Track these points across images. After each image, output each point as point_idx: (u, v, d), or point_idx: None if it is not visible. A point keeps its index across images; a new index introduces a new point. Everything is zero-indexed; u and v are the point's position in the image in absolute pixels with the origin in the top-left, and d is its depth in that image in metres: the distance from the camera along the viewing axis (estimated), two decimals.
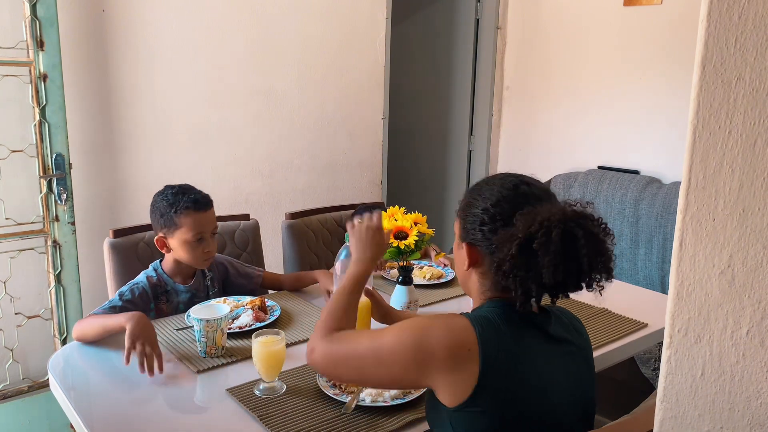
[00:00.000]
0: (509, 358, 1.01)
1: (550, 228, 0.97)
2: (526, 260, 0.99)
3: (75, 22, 2.40)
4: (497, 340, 1.00)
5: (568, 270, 0.99)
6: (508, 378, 1.00)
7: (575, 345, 1.14)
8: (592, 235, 0.99)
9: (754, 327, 0.62)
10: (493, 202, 1.07)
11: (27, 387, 2.41)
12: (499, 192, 1.08)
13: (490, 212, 1.07)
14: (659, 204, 2.90)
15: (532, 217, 1.00)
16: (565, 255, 0.97)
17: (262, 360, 1.34)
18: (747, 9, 0.58)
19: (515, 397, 1.01)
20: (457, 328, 1.01)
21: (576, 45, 3.38)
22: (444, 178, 4.15)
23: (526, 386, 1.01)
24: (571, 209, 1.02)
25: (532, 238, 0.98)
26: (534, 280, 1.00)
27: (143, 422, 1.29)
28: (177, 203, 1.75)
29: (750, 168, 0.60)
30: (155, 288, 1.79)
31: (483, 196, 1.10)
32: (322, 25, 3.05)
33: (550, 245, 0.97)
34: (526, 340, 1.05)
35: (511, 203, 1.06)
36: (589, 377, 1.16)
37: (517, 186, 1.09)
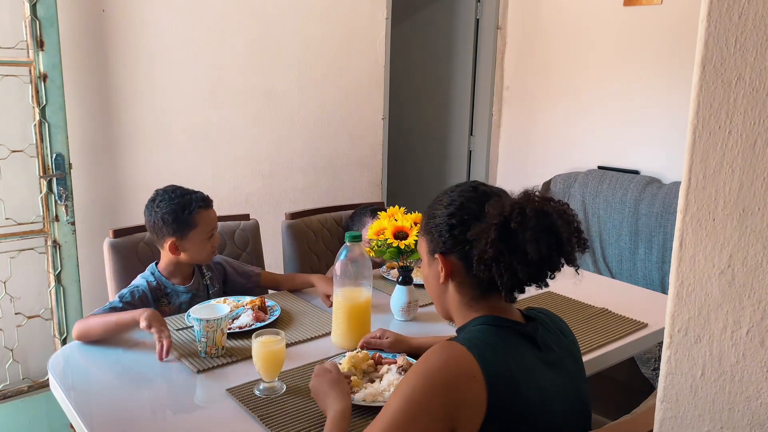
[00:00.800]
0: (511, 376, 0.99)
1: (523, 207, 1.01)
2: (507, 243, 1.00)
3: (75, 22, 2.40)
4: (496, 360, 0.99)
5: (549, 243, 1.01)
6: (513, 396, 0.99)
7: (563, 347, 1.14)
8: (561, 210, 1.03)
9: (754, 327, 0.62)
10: (457, 206, 1.09)
11: (27, 387, 2.41)
12: (460, 196, 1.11)
13: (457, 215, 1.08)
14: (659, 204, 2.90)
15: (501, 204, 1.03)
16: (544, 229, 1.00)
17: (262, 360, 1.34)
18: (747, 9, 0.58)
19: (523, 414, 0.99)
20: (456, 356, 0.98)
21: (576, 45, 3.39)
22: (444, 178, 4.15)
23: (530, 401, 1.00)
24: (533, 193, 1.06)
25: (508, 220, 1.00)
26: (519, 260, 1.01)
27: (143, 422, 1.29)
28: (189, 204, 1.77)
29: (750, 168, 0.60)
30: (155, 292, 1.79)
31: (444, 204, 1.11)
32: (322, 25, 3.05)
33: (528, 221, 0.99)
34: (520, 354, 1.04)
35: (475, 202, 1.09)
36: (580, 376, 1.16)
37: (476, 187, 1.12)
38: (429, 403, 0.95)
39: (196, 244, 1.78)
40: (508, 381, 0.98)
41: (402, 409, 0.95)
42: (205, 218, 1.79)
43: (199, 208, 1.78)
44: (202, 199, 1.81)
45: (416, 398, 0.95)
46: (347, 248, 1.58)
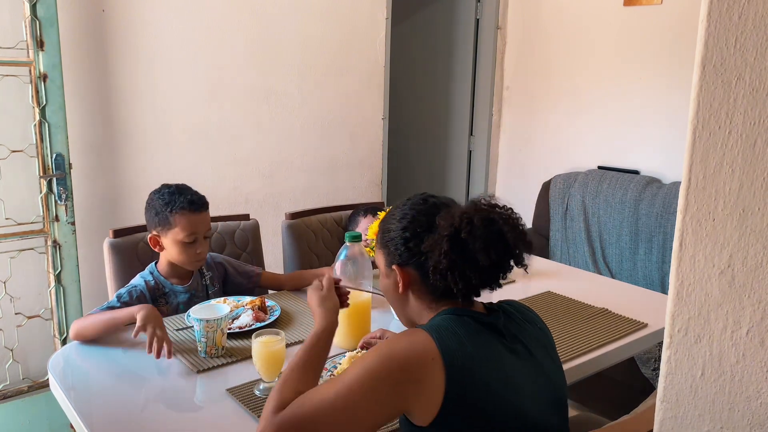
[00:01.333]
0: (472, 362, 1.02)
1: (471, 217, 1.05)
2: (459, 253, 1.05)
3: (75, 22, 2.40)
4: (457, 345, 1.02)
5: (498, 249, 1.06)
6: (474, 382, 1.01)
7: (531, 336, 1.16)
8: (506, 216, 1.09)
9: (754, 327, 0.62)
10: (410, 219, 1.14)
11: (27, 387, 2.41)
12: (412, 209, 1.15)
13: (410, 228, 1.13)
14: (659, 204, 2.90)
15: (451, 215, 1.08)
16: (492, 236, 1.05)
17: (262, 360, 1.34)
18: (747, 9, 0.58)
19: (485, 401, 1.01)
20: (417, 340, 1.02)
21: (576, 45, 3.39)
22: (444, 178, 4.15)
23: (492, 387, 1.02)
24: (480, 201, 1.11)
25: (458, 230, 1.05)
26: (472, 268, 1.05)
27: (143, 422, 1.29)
28: (173, 202, 1.75)
29: (750, 168, 0.60)
30: (153, 292, 1.79)
31: (397, 218, 1.16)
32: (322, 25, 3.05)
33: (476, 230, 1.04)
34: (483, 342, 1.07)
35: (426, 214, 1.13)
36: (552, 365, 1.17)
37: (425, 200, 1.17)
38: (384, 379, 0.99)
39: (174, 244, 1.75)
40: (468, 365, 1.01)
41: (357, 379, 0.99)
42: (187, 221, 1.73)
43: (181, 209, 1.74)
44: (190, 202, 1.75)
45: (372, 372, 0.99)
46: (347, 248, 1.58)
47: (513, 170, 3.84)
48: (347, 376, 1.00)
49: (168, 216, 1.74)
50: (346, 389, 0.98)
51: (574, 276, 2.26)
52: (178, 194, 1.76)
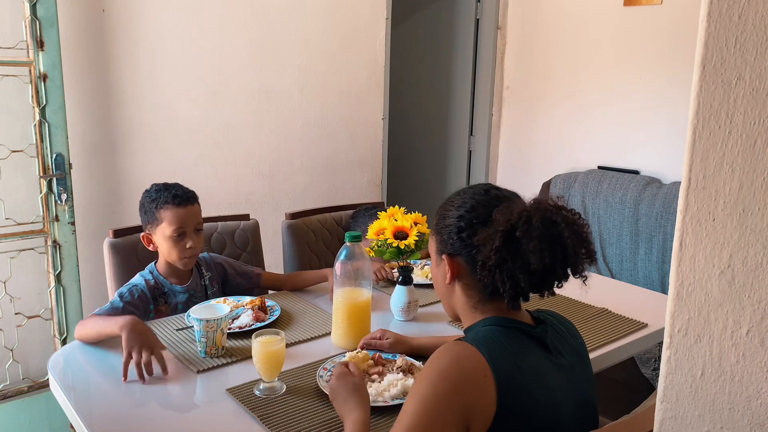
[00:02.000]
0: (521, 376, 0.99)
1: (530, 215, 0.99)
2: (512, 251, 1.00)
3: (75, 22, 2.40)
4: (507, 360, 0.98)
5: (554, 254, 0.99)
6: (522, 396, 0.98)
7: (572, 349, 1.13)
8: (571, 221, 1.01)
9: (754, 327, 0.62)
10: (467, 209, 1.09)
11: (27, 387, 2.41)
12: (471, 198, 1.10)
13: (466, 218, 1.08)
14: (659, 204, 2.90)
15: (509, 210, 1.02)
16: (549, 239, 0.99)
17: (262, 360, 1.34)
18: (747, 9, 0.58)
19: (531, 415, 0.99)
20: (466, 356, 0.98)
21: (576, 45, 3.39)
22: (444, 178, 4.15)
23: (539, 402, 1.00)
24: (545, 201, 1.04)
25: (514, 227, 0.99)
26: (522, 269, 1.00)
27: (143, 422, 1.29)
28: (158, 198, 1.76)
29: (750, 168, 0.60)
30: (153, 290, 1.79)
31: (456, 205, 1.11)
32: (322, 25, 3.05)
33: (533, 230, 0.98)
34: (530, 356, 1.03)
35: (485, 206, 1.08)
36: (588, 379, 1.16)
37: (488, 191, 1.11)
38: (445, 405, 0.94)
39: (163, 240, 1.76)
40: (518, 381, 0.98)
41: (418, 413, 0.94)
42: (172, 215, 1.73)
43: (165, 204, 1.74)
44: (175, 196, 1.75)
45: (431, 401, 0.94)
46: (347, 248, 1.58)
47: (513, 170, 3.84)
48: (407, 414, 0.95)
49: (154, 212, 1.76)
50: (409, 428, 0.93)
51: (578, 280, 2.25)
52: (164, 190, 1.78)
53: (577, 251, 1.01)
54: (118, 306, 1.68)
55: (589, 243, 1.03)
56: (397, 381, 1.34)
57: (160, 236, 1.76)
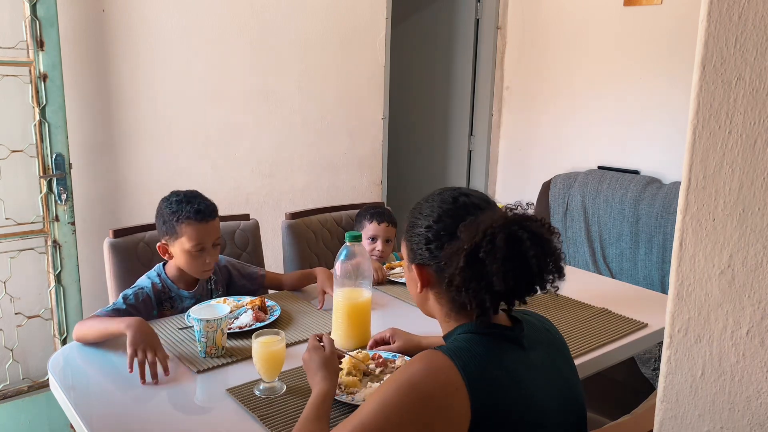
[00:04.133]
0: (496, 385, 0.98)
1: (494, 234, 0.97)
2: (476, 271, 0.98)
3: (75, 22, 2.40)
4: (480, 370, 0.97)
5: (518, 274, 0.98)
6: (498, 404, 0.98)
7: (551, 345, 1.13)
8: (538, 236, 0.99)
9: (754, 327, 0.62)
10: (434, 219, 1.07)
11: (27, 387, 2.41)
12: (439, 207, 1.08)
13: (433, 229, 1.06)
14: (659, 204, 2.90)
15: (475, 226, 0.99)
16: (513, 259, 0.97)
17: (262, 360, 1.34)
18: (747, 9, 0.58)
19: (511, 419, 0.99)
20: (438, 367, 0.96)
21: (576, 45, 3.39)
22: (444, 178, 4.15)
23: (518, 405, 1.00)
24: (512, 213, 1.02)
25: (478, 247, 0.97)
26: (486, 289, 0.98)
27: (143, 422, 1.29)
28: (180, 212, 1.72)
29: (750, 168, 0.60)
30: (159, 295, 1.78)
31: (424, 214, 1.09)
32: (322, 25, 3.05)
33: (497, 252, 0.96)
34: (506, 360, 1.03)
35: (452, 217, 1.06)
36: (571, 374, 1.15)
37: (456, 199, 1.08)
38: (405, 414, 0.93)
39: (181, 253, 1.73)
40: (493, 389, 0.97)
41: (375, 415, 0.93)
42: (194, 231, 1.71)
43: (188, 219, 1.71)
44: (197, 211, 1.71)
45: (393, 408, 0.93)
46: (347, 248, 1.58)
47: (513, 170, 3.84)
48: (365, 411, 0.94)
49: (175, 225, 1.72)
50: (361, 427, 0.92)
51: (574, 276, 2.26)
52: (185, 203, 1.73)
53: (542, 269, 1.00)
54: (120, 308, 1.67)
55: (556, 256, 1.01)
56: None
57: (179, 249, 1.73)
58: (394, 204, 3.18)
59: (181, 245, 1.72)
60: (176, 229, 1.72)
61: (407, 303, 1.91)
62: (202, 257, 1.74)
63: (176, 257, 1.75)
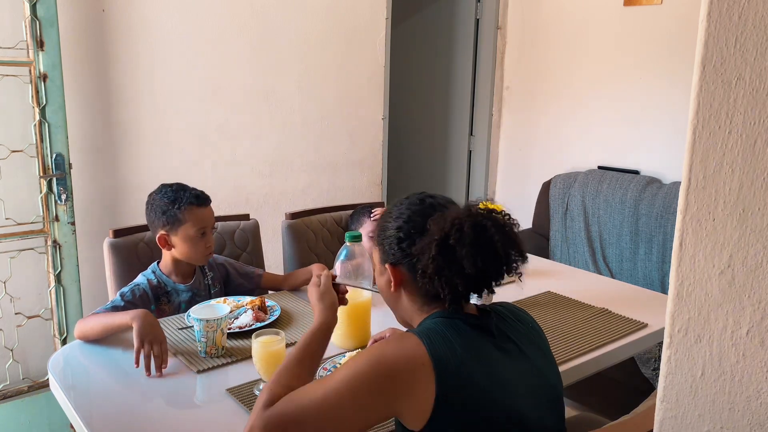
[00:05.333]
0: (462, 365, 1.02)
1: (461, 223, 1.05)
2: (447, 258, 1.05)
3: (75, 22, 2.40)
4: (447, 350, 1.02)
5: (486, 257, 1.05)
6: (465, 385, 1.01)
7: (523, 335, 1.16)
8: (500, 224, 1.08)
9: (754, 327, 0.62)
10: (405, 219, 1.14)
11: (27, 387, 2.41)
12: (408, 209, 1.16)
13: (404, 228, 1.14)
14: (659, 204, 2.90)
15: (443, 219, 1.08)
16: (480, 244, 1.05)
17: (262, 360, 1.34)
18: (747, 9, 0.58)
19: (477, 404, 1.01)
20: (407, 345, 1.02)
21: (576, 45, 3.39)
22: (444, 178, 4.15)
23: (484, 388, 1.02)
24: (475, 207, 1.11)
25: (448, 236, 1.05)
26: (458, 275, 1.05)
27: (143, 422, 1.29)
28: (180, 199, 1.78)
29: (750, 168, 0.60)
30: (155, 290, 1.80)
31: (393, 216, 1.16)
32: (322, 25, 3.05)
33: (465, 238, 1.04)
34: (474, 345, 1.07)
35: (421, 215, 1.13)
36: (545, 363, 1.17)
37: (423, 200, 1.17)
38: (372, 384, 0.99)
39: (185, 240, 1.78)
40: (458, 369, 1.01)
41: (345, 381, 0.99)
42: (196, 215, 1.78)
43: (189, 205, 1.77)
44: (195, 196, 1.80)
45: (361, 376, 0.99)
46: (347, 248, 1.58)
47: (513, 170, 3.84)
48: (336, 377, 1.00)
49: (177, 213, 1.76)
50: (333, 391, 0.99)
51: (574, 276, 2.26)
52: (182, 191, 1.80)
53: (507, 252, 1.07)
54: (118, 306, 1.68)
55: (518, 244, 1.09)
56: None
57: (181, 236, 1.77)
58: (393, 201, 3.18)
59: (185, 231, 1.77)
60: (179, 216, 1.76)
61: None
62: (204, 241, 1.80)
63: (178, 246, 1.79)
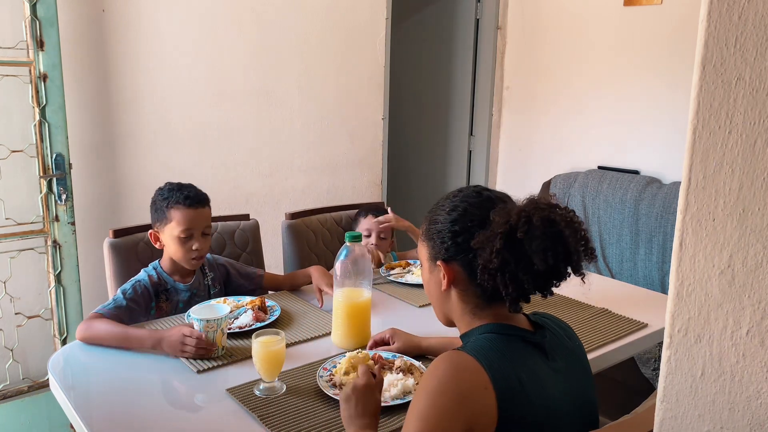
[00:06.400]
0: (520, 385, 0.98)
1: (530, 215, 0.98)
2: (513, 252, 0.98)
3: (75, 22, 2.40)
4: (506, 370, 0.97)
5: (557, 253, 0.98)
6: (523, 405, 0.97)
7: (570, 352, 1.13)
8: (568, 218, 1.00)
9: (754, 327, 0.62)
10: (460, 212, 1.07)
11: (27, 387, 2.41)
12: (463, 201, 1.08)
13: (460, 222, 1.06)
14: (659, 204, 2.90)
15: (507, 211, 1.00)
16: (552, 238, 0.97)
17: (262, 360, 1.34)
18: (747, 9, 0.58)
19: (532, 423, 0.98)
20: (466, 369, 0.96)
21: (576, 45, 3.39)
22: (444, 178, 4.15)
23: (539, 410, 0.99)
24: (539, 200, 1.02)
25: (514, 228, 0.97)
26: (525, 270, 0.98)
27: (143, 422, 1.29)
28: (170, 198, 1.77)
29: (750, 168, 0.60)
30: (156, 287, 1.80)
31: (447, 209, 1.08)
32: (322, 25, 3.05)
33: (535, 230, 0.97)
34: (529, 363, 1.02)
35: (479, 208, 1.06)
36: (588, 381, 1.15)
37: (480, 192, 1.09)
38: (447, 421, 0.92)
39: (170, 239, 1.77)
40: (518, 390, 0.97)
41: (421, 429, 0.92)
42: (182, 216, 1.75)
43: (176, 204, 1.76)
44: (187, 197, 1.77)
45: (433, 417, 0.92)
46: (347, 248, 1.58)
47: (513, 170, 3.84)
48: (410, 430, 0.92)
49: (165, 211, 1.77)
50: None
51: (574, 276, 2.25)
52: (177, 190, 1.79)
53: (578, 249, 1.00)
54: (121, 303, 1.68)
55: (587, 240, 1.02)
56: (397, 381, 1.34)
57: (168, 235, 1.78)
58: (394, 204, 3.18)
59: (171, 231, 1.76)
60: (166, 215, 1.77)
61: (407, 303, 1.91)
62: (189, 244, 1.77)
63: (166, 245, 1.80)
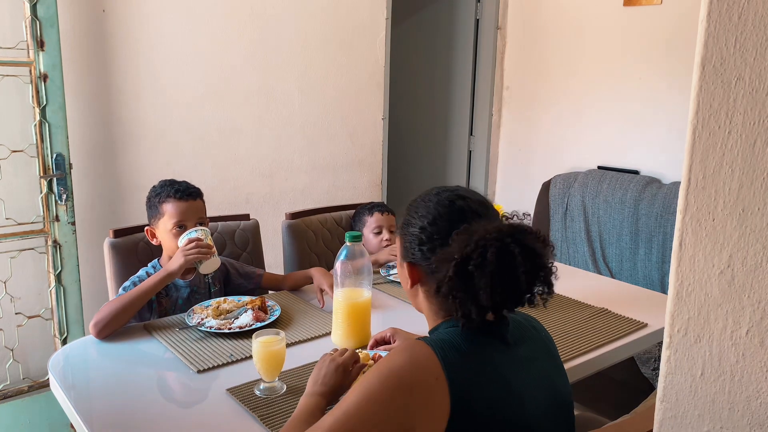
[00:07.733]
0: (477, 378, 0.99)
1: (485, 247, 0.95)
2: (464, 282, 0.97)
3: (75, 22, 2.40)
4: (461, 362, 0.98)
5: (506, 290, 0.97)
6: (479, 398, 0.98)
7: (535, 343, 1.13)
8: (530, 250, 0.97)
9: (754, 327, 0.62)
10: (429, 221, 1.07)
11: (27, 387, 2.41)
12: (435, 209, 1.08)
13: (427, 231, 1.07)
14: (659, 204, 2.90)
15: (467, 236, 0.98)
16: (502, 275, 0.96)
17: (262, 360, 1.34)
18: (747, 9, 0.58)
19: (491, 417, 0.98)
20: (420, 357, 0.97)
21: (576, 45, 3.39)
22: (444, 178, 4.15)
23: (499, 400, 1.00)
24: (507, 224, 1.01)
25: (468, 259, 0.96)
26: (473, 301, 0.97)
27: (143, 422, 1.29)
28: (162, 192, 1.80)
29: (750, 168, 0.60)
30: None
31: (420, 214, 1.09)
32: (322, 25, 3.05)
33: (486, 266, 0.95)
34: (489, 355, 1.03)
35: (447, 221, 1.05)
36: (556, 371, 1.15)
37: (452, 202, 1.08)
38: (386, 402, 0.93)
39: (164, 234, 1.80)
40: (472, 382, 0.98)
41: (358, 404, 0.94)
42: (173, 208, 1.77)
43: (168, 197, 1.78)
44: (177, 190, 1.79)
45: (374, 396, 0.94)
46: (347, 248, 1.58)
47: (513, 170, 3.84)
48: (347, 403, 0.95)
49: (158, 205, 1.80)
50: (344, 416, 0.93)
51: (574, 276, 2.26)
52: (169, 185, 1.82)
53: (531, 283, 0.99)
54: None
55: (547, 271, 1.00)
56: None
57: (163, 230, 1.80)
58: (394, 204, 3.18)
59: (164, 225, 1.79)
60: (159, 209, 1.80)
61: (407, 303, 1.90)
62: None
63: (162, 241, 1.82)
